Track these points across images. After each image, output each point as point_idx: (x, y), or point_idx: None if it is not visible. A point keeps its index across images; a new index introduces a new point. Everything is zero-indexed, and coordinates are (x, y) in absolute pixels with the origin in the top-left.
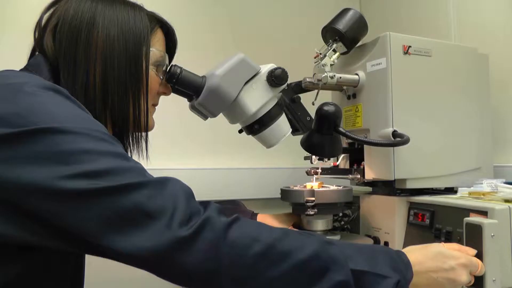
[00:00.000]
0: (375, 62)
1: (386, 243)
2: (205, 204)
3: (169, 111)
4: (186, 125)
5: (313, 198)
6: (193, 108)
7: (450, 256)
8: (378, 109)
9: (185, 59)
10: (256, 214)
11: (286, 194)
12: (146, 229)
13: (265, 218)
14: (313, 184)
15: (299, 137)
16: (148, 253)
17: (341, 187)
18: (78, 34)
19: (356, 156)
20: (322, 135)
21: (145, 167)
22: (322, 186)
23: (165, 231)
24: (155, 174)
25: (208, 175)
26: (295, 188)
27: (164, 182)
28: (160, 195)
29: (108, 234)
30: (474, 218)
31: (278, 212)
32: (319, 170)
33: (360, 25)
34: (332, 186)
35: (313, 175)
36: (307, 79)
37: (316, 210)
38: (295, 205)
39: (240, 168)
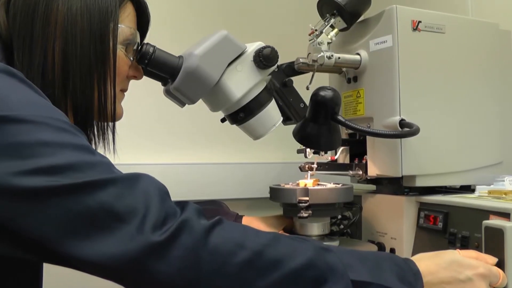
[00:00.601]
0: (380, 40)
1: (392, 250)
2: (182, 204)
3: (140, 98)
4: (160, 113)
5: (307, 198)
6: (168, 93)
7: (467, 265)
8: (383, 95)
9: (159, 37)
10: (241, 217)
11: (275, 193)
12: (114, 233)
13: (251, 221)
14: (307, 182)
15: (291, 127)
16: (116, 261)
17: (340, 185)
18: (35, 7)
19: (358, 149)
20: (318, 125)
21: (112, 162)
22: (318, 184)
23: (136, 236)
24: (124, 171)
25: (185, 172)
26: (286, 186)
27: (134, 179)
28: (130, 194)
29: (69, 239)
30: (494, 221)
31: (266, 214)
32: (315, 166)
33: None
34: (329, 184)
35: (307, 171)
36: (301, 59)
37: (310, 211)
38: (286, 206)
39: (223, 163)
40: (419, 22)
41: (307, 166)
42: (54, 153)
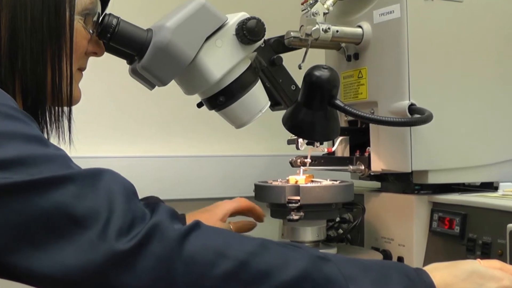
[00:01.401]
0: (385, 10)
1: (400, 259)
2: (153, 205)
3: (101, 78)
4: (125, 97)
5: (298, 197)
6: (134, 73)
7: (489, 276)
8: (389, 75)
9: (125, 7)
10: (183, 215)
11: (261, 191)
12: (72, 240)
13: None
14: (299, 178)
15: (281, 114)
16: (75, 274)
17: (338, 181)
18: None
19: (359, 140)
20: (312, 111)
21: (68, 154)
22: (312, 181)
23: (98, 243)
24: (83, 165)
25: (155, 166)
26: (274, 183)
27: (96, 176)
28: (91, 194)
29: (18, 248)
30: None
31: (250, 217)
32: (308, 159)
33: None
34: (325, 181)
35: (299, 166)
36: (292, 33)
37: (302, 213)
38: (274, 206)
39: (200, 156)
40: None
41: (299, 160)
42: (1, 145)
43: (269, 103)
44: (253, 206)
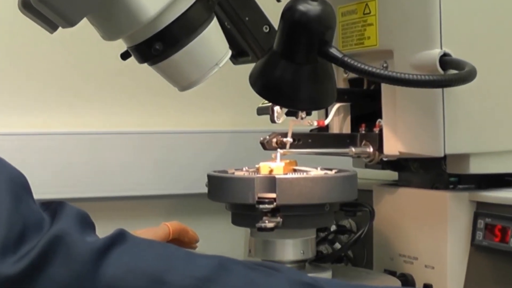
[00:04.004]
0: None
1: (427, 287)
2: (54, 207)
3: None
4: (9, 44)
5: (273, 195)
6: (27, 7)
7: None
8: (409, 12)
9: None
10: None
11: (217, 186)
12: None
13: None
14: (274, 166)
15: (247, 69)
16: None
17: (334, 171)
18: None
19: (366, 109)
20: (295, 65)
21: None
22: (294, 170)
23: None
24: None
25: (57, 147)
26: (238, 173)
27: None
28: None
29: None
30: None
31: (202, 222)
32: (288, 139)
33: None
34: (314, 170)
35: (275, 147)
36: None
37: (279, 219)
38: (236, 208)
39: (124, 132)
40: None
41: (274, 138)
42: None
43: (229, 53)
44: (184, 230)
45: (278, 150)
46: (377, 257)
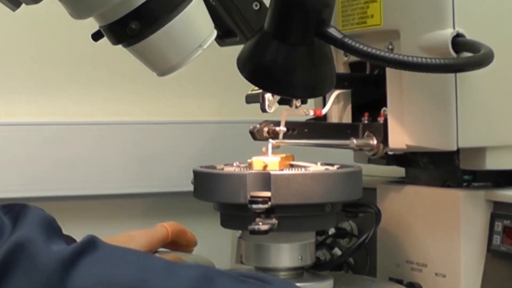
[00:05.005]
0: None
1: None
2: (17, 210)
3: None
4: None
5: (268, 194)
6: None
7: None
8: None
9: None
10: None
11: (205, 183)
12: None
13: None
14: (268, 161)
15: (235, 51)
16: None
17: (336, 166)
18: None
19: (369, 96)
20: (289, 46)
21: None
22: (291, 166)
23: None
24: None
25: (19, 139)
26: (227, 169)
27: None
28: None
29: None
30: None
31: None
32: (281, 128)
33: None
34: (313, 165)
35: (266, 138)
36: None
37: (274, 220)
38: (226, 209)
39: (94, 123)
40: None
41: (266, 128)
42: None
43: (215, 33)
44: (183, 232)
45: (270, 140)
46: (381, 264)
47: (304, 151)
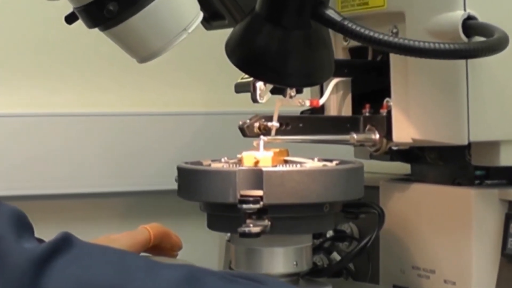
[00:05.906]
0: None
1: None
2: None
3: None
4: None
5: (260, 192)
6: None
7: None
8: None
9: None
10: None
11: (190, 180)
12: None
13: None
14: (260, 156)
15: (223, 35)
16: None
17: (334, 163)
18: None
19: (371, 85)
20: (283, 30)
21: None
22: (286, 162)
23: None
24: None
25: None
26: (214, 165)
27: None
28: None
29: None
30: None
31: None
32: (274, 123)
33: None
34: (309, 161)
35: (257, 134)
36: None
37: (267, 222)
38: (213, 209)
39: (69, 114)
40: None
41: (257, 122)
42: None
43: (201, 16)
44: (167, 235)
45: (261, 137)
46: (384, 270)
47: (299, 146)
